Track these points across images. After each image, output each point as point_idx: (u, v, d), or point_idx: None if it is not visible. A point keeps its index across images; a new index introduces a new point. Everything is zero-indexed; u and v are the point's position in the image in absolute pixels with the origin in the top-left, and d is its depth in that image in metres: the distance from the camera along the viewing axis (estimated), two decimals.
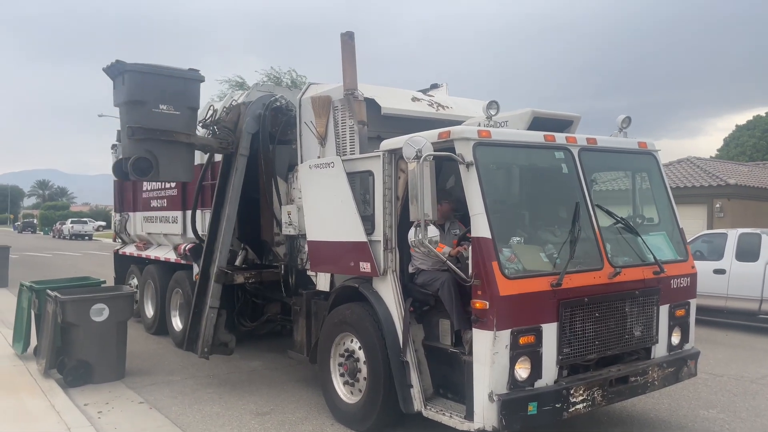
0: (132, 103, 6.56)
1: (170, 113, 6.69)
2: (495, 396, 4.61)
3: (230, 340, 7.65)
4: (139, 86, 6.56)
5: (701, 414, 6.53)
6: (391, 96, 6.80)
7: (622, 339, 5.38)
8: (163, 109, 6.64)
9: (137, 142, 6.56)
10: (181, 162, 6.95)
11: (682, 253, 6.13)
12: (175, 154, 6.85)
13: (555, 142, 5.46)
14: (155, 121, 6.61)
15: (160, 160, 6.67)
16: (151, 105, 6.57)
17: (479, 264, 4.74)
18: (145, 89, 6.58)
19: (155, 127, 6.60)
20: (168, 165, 6.77)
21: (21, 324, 8.72)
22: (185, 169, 7.06)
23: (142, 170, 6.58)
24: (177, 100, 6.75)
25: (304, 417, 6.36)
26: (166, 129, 6.64)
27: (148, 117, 6.57)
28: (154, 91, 6.62)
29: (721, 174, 23.54)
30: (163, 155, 6.70)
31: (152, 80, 6.65)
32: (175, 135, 6.72)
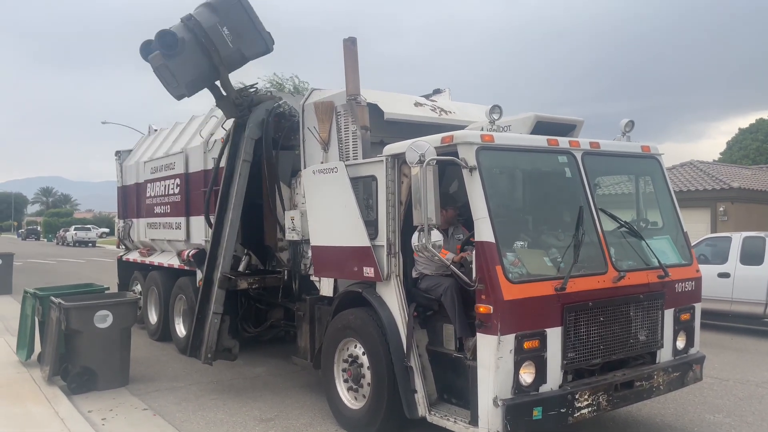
0: (212, 5, 6.86)
1: (224, 40, 6.95)
2: (499, 401, 4.58)
3: (234, 346, 7.64)
4: (224, 3, 6.87)
5: (707, 418, 6.49)
6: (394, 101, 6.81)
7: (626, 343, 5.36)
8: (224, 32, 6.90)
9: (186, 26, 6.81)
10: (195, 72, 7.07)
11: (686, 256, 6.11)
12: (197, 62, 7.01)
13: (558, 146, 5.45)
14: (212, 31, 6.83)
15: (184, 52, 6.84)
16: (221, 20, 6.83)
17: (483, 268, 4.73)
18: (227, 9, 6.87)
19: (210, 36, 6.85)
20: (185, 63, 6.92)
21: (25, 331, 8.72)
22: (193, 80, 7.16)
23: (168, 45, 6.74)
24: (239, 39, 7.00)
25: (308, 423, 6.34)
26: (215, 42, 6.87)
27: (211, 24, 6.84)
28: (233, 16, 6.91)
29: (725, 177, 23.49)
30: (189, 53, 6.87)
31: (238, 10, 6.96)
32: (215, 45, 6.93)
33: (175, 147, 10.25)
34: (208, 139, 9.02)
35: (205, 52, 7.06)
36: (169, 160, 10.18)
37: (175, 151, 10.04)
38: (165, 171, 10.29)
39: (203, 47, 7.05)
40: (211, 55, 7.09)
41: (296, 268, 7.51)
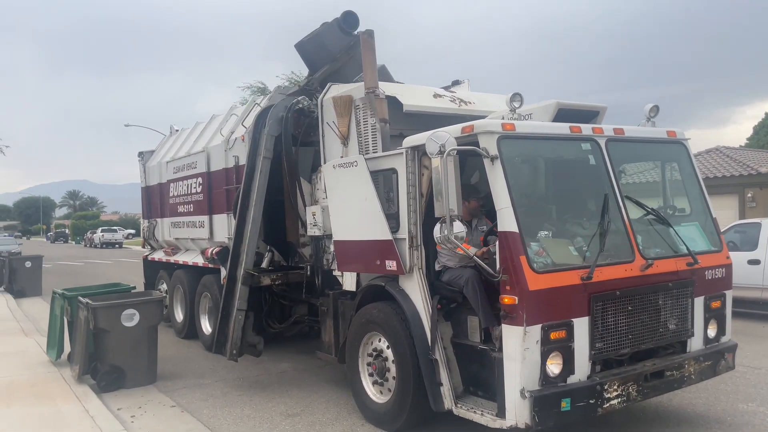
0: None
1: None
2: (527, 392, 4.53)
3: (258, 342, 7.67)
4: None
5: (740, 407, 6.35)
6: (413, 93, 6.76)
7: (656, 333, 5.26)
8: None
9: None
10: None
11: (716, 243, 5.97)
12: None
13: (581, 133, 5.36)
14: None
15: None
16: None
17: (507, 259, 4.67)
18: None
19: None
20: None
21: (54, 331, 8.86)
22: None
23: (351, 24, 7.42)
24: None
25: (334, 418, 6.34)
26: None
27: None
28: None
29: (752, 163, 22.98)
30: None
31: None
32: None
33: (196, 146, 10.31)
34: (228, 137, 9.05)
35: None
36: (191, 159, 10.25)
37: (197, 151, 10.11)
38: (187, 170, 10.37)
39: None
40: None
41: (319, 263, 7.51)
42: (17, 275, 18.17)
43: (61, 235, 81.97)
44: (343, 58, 7.99)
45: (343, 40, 7.93)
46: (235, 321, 7.39)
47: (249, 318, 7.53)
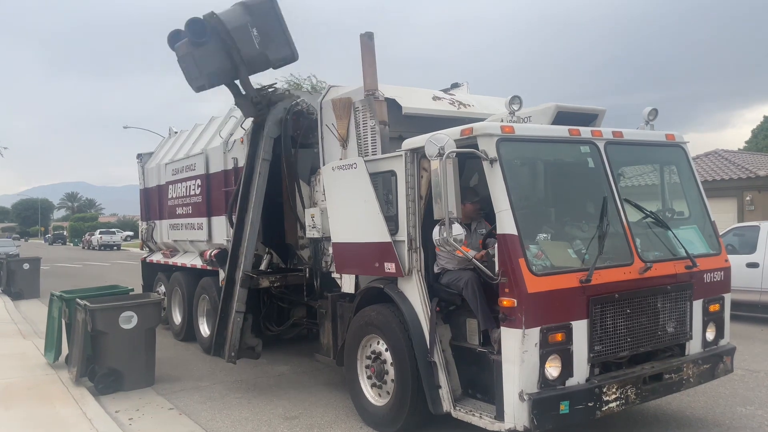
0: (247, 6, 6.97)
1: (251, 41, 7.02)
2: (525, 395, 4.52)
3: (257, 344, 7.66)
4: (260, 7, 6.97)
5: (739, 411, 6.35)
6: (412, 95, 6.77)
7: (654, 335, 5.26)
8: (253, 33, 6.98)
9: (213, 19, 6.89)
10: (217, 65, 7.13)
11: (714, 246, 5.97)
12: (222, 57, 7.08)
13: (580, 136, 5.36)
14: (237, 31, 6.92)
15: (209, 44, 6.96)
16: (253, 21, 6.93)
17: (506, 261, 4.67)
18: (261, 13, 6.97)
19: (236, 37, 6.93)
20: (209, 55, 7.02)
21: (52, 333, 8.85)
22: (215, 73, 7.22)
23: (196, 32, 6.85)
24: (267, 43, 7.08)
25: (332, 420, 6.33)
26: (237, 41, 6.92)
27: (240, 23, 6.92)
28: (265, 19, 7.02)
29: (751, 166, 23.01)
30: (214, 45, 6.97)
31: (272, 15, 7.09)
32: (237, 44, 7.00)
33: (195, 148, 10.32)
34: (227, 139, 9.06)
35: (227, 49, 7.14)
36: (190, 161, 10.25)
37: (196, 153, 10.11)
38: (186, 172, 10.37)
39: (225, 45, 7.13)
40: (231, 54, 7.15)
41: (317, 265, 7.50)
42: (15, 277, 18.14)
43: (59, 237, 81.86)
44: None
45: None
46: (234, 323, 7.38)
47: (247, 320, 7.52)
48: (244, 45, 7.16)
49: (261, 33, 7.15)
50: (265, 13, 7.16)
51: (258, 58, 7.30)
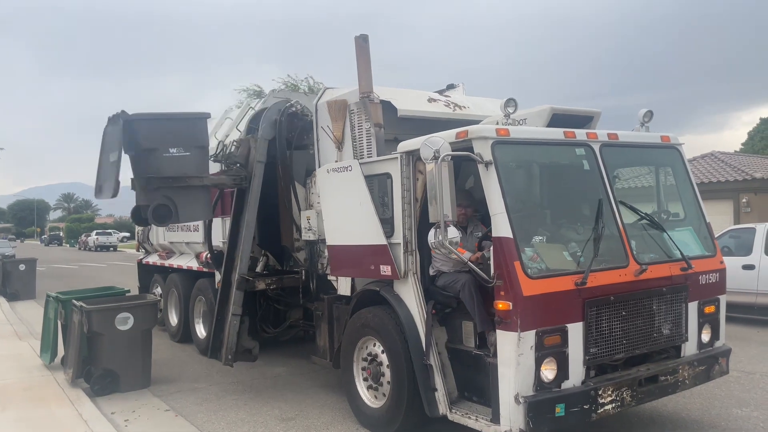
0: (144, 152, 6.57)
1: (181, 155, 6.67)
2: (521, 398, 4.53)
3: (254, 347, 7.65)
4: (148, 134, 6.57)
5: (734, 412, 6.37)
6: (407, 97, 6.77)
7: (650, 337, 5.27)
8: (174, 153, 6.63)
9: (154, 190, 6.60)
10: (199, 202, 6.96)
11: (710, 248, 5.99)
12: (192, 196, 6.86)
13: (575, 138, 5.37)
14: (168, 167, 6.59)
15: (178, 204, 6.69)
16: (162, 150, 6.58)
17: (501, 264, 4.67)
18: (154, 136, 6.58)
19: (168, 174, 6.59)
20: (186, 207, 6.79)
21: (48, 334, 8.84)
22: (203, 208, 7.09)
23: (162, 217, 6.61)
24: (186, 141, 6.75)
25: (329, 422, 6.33)
26: (179, 175, 6.63)
27: (161, 163, 6.56)
28: (163, 136, 6.63)
29: (747, 168, 23.08)
30: (180, 199, 6.71)
31: (160, 126, 6.68)
32: (188, 180, 6.72)
33: None
34: (223, 140, 9.03)
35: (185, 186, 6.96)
36: None
37: None
38: None
39: (182, 186, 6.88)
40: (188, 183, 6.86)
41: (313, 267, 7.50)
42: (11, 278, 18.09)
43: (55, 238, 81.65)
44: None
45: None
46: (230, 326, 7.36)
47: (244, 323, 7.51)
48: (184, 167, 6.83)
49: (175, 144, 6.75)
50: (150, 133, 6.71)
51: (196, 154, 6.93)
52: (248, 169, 7.54)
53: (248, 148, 7.64)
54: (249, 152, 7.61)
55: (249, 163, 7.55)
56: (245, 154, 7.63)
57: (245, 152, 7.65)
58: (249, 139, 7.72)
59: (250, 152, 7.60)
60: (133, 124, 6.49)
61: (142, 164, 6.55)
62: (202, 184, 6.90)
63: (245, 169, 7.58)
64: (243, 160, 7.63)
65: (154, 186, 6.55)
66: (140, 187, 6.59)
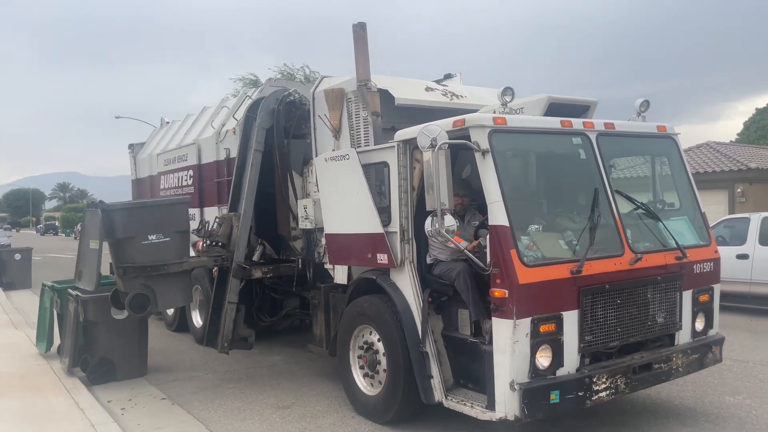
0: (122, 241, 6.54)
1: (161, 241, 6.65)
2: (516, 385, 4.56)
3: (249, 335, 7.67)
4: (126, 223, 6.55)
5: (727, 400, 6.42)
6: (405, 86, 6.76)
7: (644, 326, 5.30)
8: (153, 239, 6.60)
9: (132, 279, 6.56)
10: (178, 287, 6.91)
11: (704, 237, 6.01)
12: (171, 281, 6.80)
13: (572, 127, 5.37)
14: (146, 255, 6.56)
15: (157, 292, 6.66)
16: (140, 238, 6.54)
17: (497, 252, 4.69)
18: (133, 225, 6.56)
19: (147, 262, 6.54)
20: (165, 295, 6.76)
21: (44, 323, 8.83)
22: (183, 293, 7.02)
23: (139, 307, 6.55)
24: (166, 227, 6.72)
25: (324, 410, 6.36)
26: (157, 263, 6.59)
27: (139, 251, 6.53)
28: (142, 224, 6.61)
29: (742, 158, 23.14)
30: (159, 287, 6.68)
31: (138, 214, 6.69)
32: (167, 267, 6.67)
33: (187, 138, 10.28)
34: (219, 129, 9.03)
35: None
36: (182, 151, 10.21)
37: (188, 143, 10.07)
38: (178, 163, 10.33)
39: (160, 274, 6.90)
40: (167, 270, 6.85)
41: (310, 256, 7.51)
42: (7, 267, 18.06)
43: (51, 227, 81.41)
44: None
45: None
46: (227, 314, 7.38)
47: (240, 311, 7.53)
48: (163, 253, 6.82)
49: (154, 230, 6.77)
50: (129, 221, 6.75)
51: (176, 239, 6.92)
52: (230, 248, 7.47)
53: (230, 227, 7.54)
54: (231, 231, 7.53)
55: (231, 243, 7.49)
56: (227, 233, 7.55)
57: (227, 231, 7.56)
58: (231, 217, 7.59)
59: (232, 231, 7.52)
60: (110, 213, 6.49)
61: (119, 253, 6.53)
62: (181, 269, 6.87)
63: (226, 249, 7.50)
64: (225, 240, 7.57)
65: (131, 275, 6.53)
66: (118, 276, 6.56)
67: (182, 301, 6.90)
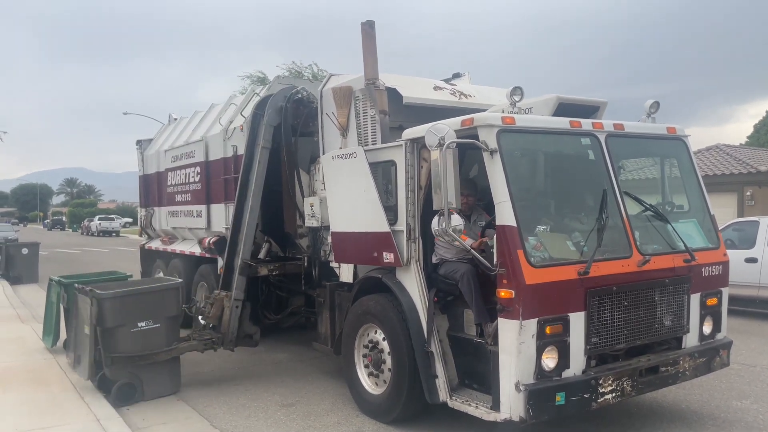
0: (112, 329, 6.48)
1: (150, 328, 6.61)
2: (522, 386, 4.54)
3: (255, 332, 7.68)
4: (116, 311, 6.49)
5: (734, 405, 6.38)
6: (413, 85, 6.74)
7: (651, 328, 5.27)
8: (143, 326, 6.56)
9: (120, 368, 6.52)
10: (166, 375, 6.84)
11: (713, 240, 5.97)
12: (159, 369, 6.75)
13: (581, 128, 5.34)
14: (135, 343, 6.52)
15: (144, 381, 6.60)
16: (130, 326, 6.50)
17: (504, 252, 4.67)
18: (123, 312, 6.52)
19: (135, 351, 6.51)
20: (153, 383, 6.68)
21: (50, 318, 8.87)
22: (172, 381, 6.93)
23: (125, 397, 6.48)
24: (156, 313, 6.69)
25: (329, 408, 6.36)
26: (146, 352, 6.55)
27: (127, 340, 6.49)
28: (132, 311, 6.57)
29: (752, 161, 22.97)
30: (147, 375, 6.63)
31: (129, 301, 6.63)
32: (155, 356, 6.63)
33: (194, 135, 10.28)
34: (227, 126, 9.03)
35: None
36: (189, 148, 10.22)
37: (195, 140, 10.08)
38: (185, 159, 10.34)
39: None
40: (156, 359, 6.77)
41: (316, 254, 7.50)
42: (14, 262, 18.16)
43: (58, 222, 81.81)
44: None
45: None
46: (232, 311, 7.39)
47: (246, 308, 7.53)
48: (153, 340, 6.77)
49: (144, 317, 6.71)
50: (119, 309, 6.62)
51: (166, 325, 6.83)
52: (220, 330, 7.44)
53: (221, 308, 7.50)
54: (222, 312, 7.50)
55: (222, 324, 7.45)
56: (218, 315, 7.51)
57: (218, 313, 7.52)
58: (222, 297, 7.55)
59: (223, 312, 7.49)
60: (101, 302, 6.45)
61: (108, 341, 6.48)
62: (170, 357, 6.82)
63: (217, 332, 7.45)
64: (216, 322, 7.51)
65: (120, 365, 6.50)
66: (106, 365, 6.53)
67: (171, 389, 6.84)
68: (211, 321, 7.53)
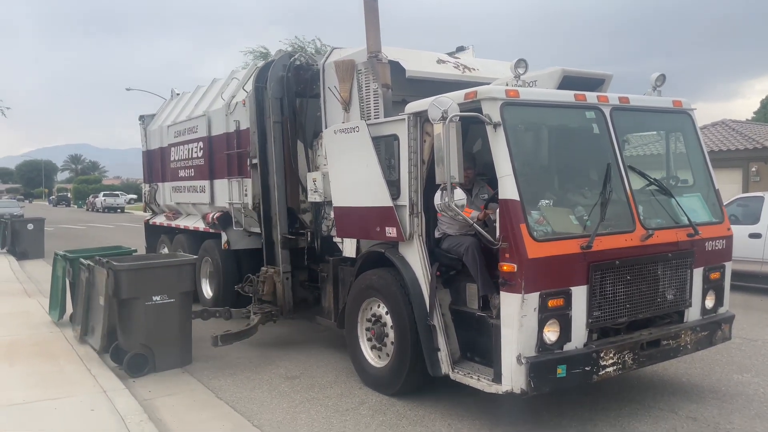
0: (126, 301, 6.55)
1: (165, 302, 6.68)
2: (523, 359, 4.57)
3: (308, 296, 7.95)
4: (131, 284, 6.54)
5: (735, 378, 6.42)
6: (416, 58, 6.67)
7: (654, 302, 5.28)
8: (157, 300, 6.62)
9: (133, 338, 6.62)
10: (177, 348, 6.90)
11: (717, 215, 5.95)
12: (172, 342, 6.83)
13: (586, 101, 5.29)
14: (149, 316, 6.60)
15: (156, 353, 6.68)
16: (144, 299, 6.56)
17: (507, 226, 4.66)
18: (138, 285, 6.57)
19: (150, 324, 6.61)
20: (164, 356, 6.77)
21: (57, 292, 8.94)
22: (183, 354, 6.99)
23: (137, 366, 6.56)
24: (171, 288, 6.74)
25: (332, 381, 6.43)
26: (159, 327, 6.66)
27: (142, 312, 6.57)
28: (147, 284, 6.62)
29: (758, 137, 22.79)
30: (159, 348, 6.71)
31: (145, 274, 6.68)
32: (238, 335, 7.11)
33: (197, 110, 10.24)
34: (229, 101, 8.98)
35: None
36: (192, 123, 10.19)
37: (198, 115, 10.04)
38: (188, 134, 10.31)
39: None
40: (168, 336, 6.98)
41: (319, 229, 7.52)
42: (20, 237, 18.26)
43: (63, 198, 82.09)
44: None
45: None
46: (284, 284, 7.66)
47: (295, 276, 7.82)
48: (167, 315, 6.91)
49: (159, 291, 6.81)
50: (134, 281, 6.76)
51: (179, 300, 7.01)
52: (277, 303, 7.80)
53: (273, 284, 7.77)
54: (274, 287, 7.82)
55: (277, 297, 7.78)
56: (271, 290, 7.81)
57: (271, 288, 7.82)
58: (272, 274, 7.82)
59: (275, 287, 7.82)
60: (117, 273, 6.51)
61: (123, 313, 6.60)
62: (183, 334, 6.97)
63: (274, 305, 7.81)
64: (270, 297, 7.83)
65: (133, 337, 6.62)
66: (120, 336, 6.67)
67: (181, 363, 6.94)
68: (267, 297, 7.84)
